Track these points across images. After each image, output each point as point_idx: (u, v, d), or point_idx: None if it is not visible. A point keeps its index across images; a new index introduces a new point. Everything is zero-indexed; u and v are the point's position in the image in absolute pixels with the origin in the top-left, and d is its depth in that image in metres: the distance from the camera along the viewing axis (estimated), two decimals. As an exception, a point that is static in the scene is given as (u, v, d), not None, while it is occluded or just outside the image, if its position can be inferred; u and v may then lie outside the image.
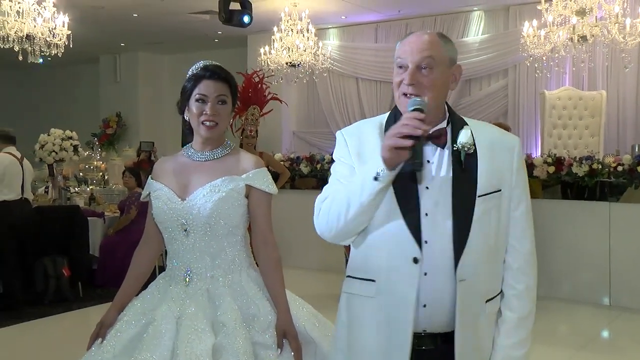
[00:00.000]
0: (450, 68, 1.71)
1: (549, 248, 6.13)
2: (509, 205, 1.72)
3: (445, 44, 1.71)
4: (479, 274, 1.67)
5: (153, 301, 2.02)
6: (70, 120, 11.17)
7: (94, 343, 2.03)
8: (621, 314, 5.68)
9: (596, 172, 6.02)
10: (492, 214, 1.69)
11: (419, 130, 1.54)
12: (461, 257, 1.63)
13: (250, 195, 2.05)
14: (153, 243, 2.19)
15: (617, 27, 6.37)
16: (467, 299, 1.65)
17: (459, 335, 1.66)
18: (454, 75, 1.74)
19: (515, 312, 1.75)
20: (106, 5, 8.46)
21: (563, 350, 4.78)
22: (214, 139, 2.07)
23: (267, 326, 1.93)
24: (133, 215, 6.61)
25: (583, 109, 7.69)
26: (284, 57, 8.45)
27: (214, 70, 2.04)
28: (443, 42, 1.71)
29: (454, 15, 9.20)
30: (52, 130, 6.96)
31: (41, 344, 5.00)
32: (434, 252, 1.63)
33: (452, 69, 1.72)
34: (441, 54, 1.68)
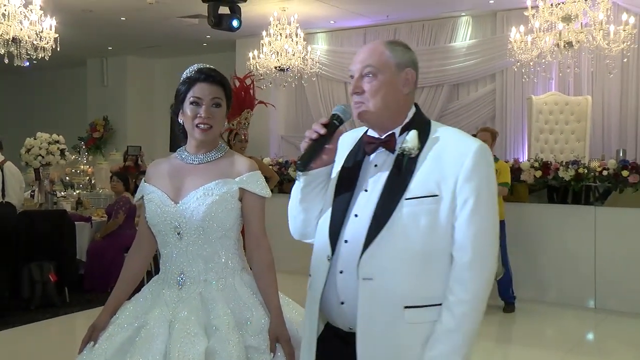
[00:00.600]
0: (398, 73, 1.72)
1: (536, 252, 6.18)
2: (450, 213, 1.65)
3: (392, 51, 1.73)
4: (391, 277, 1.63)
5: (146, 305, 2.02)
6: (56, 124, 11.12)
7: (85, 346, 2.02)
8: (607, 317, 5.73)
9: (582, 176, 6.08)
10: (422, 219, 1.63)
11: (314, 134, 1.70)
12: (362, 255, 1.64)
13: (243, 199, 2.04)
14: (145, 246, 2.18)
15: (602, 34, 6.48)
16: (373, 300, 1.64)
17: (360, 336, 1.65)
18: (405, 79, 1.73)
19: (441, 324, 1.64)
20: (95, 9, 8.43)
21: (550, 353, 4.82)
22: (208, 142, 2.06)
23: (260, 330, 1.93)
24: (121, 220, 6.57)
25: (569, 114, 7.77)
26: (273, 62, 8.47)
27: (209, 73, 2.04)
28: (389, 49, 1.73)
29: (442, 20, 9.28)
30: (38, 134, 6.90)
31: (28, 351, 4.95)
32: (350, 251, 1.67)
33: (401, 74, 1.73)
34: (384, 60, 1.71)
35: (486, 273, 1.67)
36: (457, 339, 1.63)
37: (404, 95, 1.73)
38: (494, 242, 1.69)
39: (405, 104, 1.75)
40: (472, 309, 1.65)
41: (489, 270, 1.67)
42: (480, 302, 1.67)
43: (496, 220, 1.70)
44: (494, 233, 1.69)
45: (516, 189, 6.46)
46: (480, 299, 1.66)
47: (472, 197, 1.64)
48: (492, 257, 1.68)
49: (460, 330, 1.64)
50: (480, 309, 1.67)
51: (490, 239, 1.68)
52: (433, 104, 9.37)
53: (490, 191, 1.68)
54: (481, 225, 1.65)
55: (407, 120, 1.74)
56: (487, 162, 1.69)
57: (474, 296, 1.65)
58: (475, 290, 1.65)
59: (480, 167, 1.66)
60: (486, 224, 1.66)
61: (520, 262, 6.05)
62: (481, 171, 1.66)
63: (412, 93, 1.76)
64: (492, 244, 1.68)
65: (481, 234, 1.65)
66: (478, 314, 1.67)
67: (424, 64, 9.27)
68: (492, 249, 1.68)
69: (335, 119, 1.75)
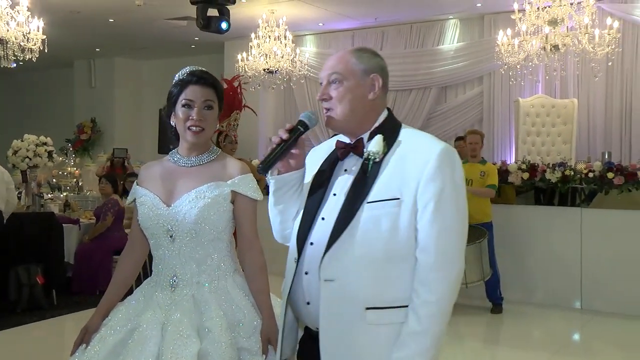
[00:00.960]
0: (364, 79, 1.75)
1: (522, 254, 6.23)
2: (412, 216, 1.66)
3: (358, 58, 1.76)
4: (352, 278, 1.66)
5: (138, 307, 2.02)
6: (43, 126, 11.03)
7: (77, 349, 2.01)
8: (593, 318, 5.79)
9: (569, 178, 6.14)
10: (383, 222, 1.66)
11: (277, 139, 1.77)
12: (324, 257, 1.68)
13: (235, 201, 2.05)
14: (138, 248, 2.18)
15: (587, 38, 6.55)
16: (335, 301, 1.67)
17: (323, 336, 1.68)
18: (371, 85, 1.76)
19: (407, 326, 1.65)
20: (82, 10, 8.39)
21: (537, 354, 4.86)
22: (200, 144, 2.07)
23: (252, 332, 1.94)
24: (109, 223, 6.55)
25: (556, 116, 7.85)
26: (262, 64, 8.47)
27: (201, 76, 2.05)
28: (355, 56, 1.77)
29: (430, 23, 9.33)
30: (25, 135, 6.86)
31: (14, 354, 4.91)
32: (314, 253, 1.71)
33: (367, 80, 1.75)
34: (349, 67, 1.75)
35: (451, 274, 1.67)
36: (424, 341, 1.64)
37: (370, 101, 1.76)
38: (459, 242, 1.68)
39: (373, 109, 1.77)
40: (438, 311, 1.65)
41: (454, 271, 1.67)
42: (447, 303, 1.66)
43: (462, 222, 1.69)
44: (459, 234, 1.69)
45: (504, 190, 6.52)
46: (446, 300, 1.66)
47: (433, 199, 1.64)
48: (457, 258, 1.67)
49: (426, 332, 1.64)
50: (447, 310, 1.67)
51: (455, 240, 1.67)
52: (421, 106, 9.43)
53: (455, 192, 1.67)
54: (444, 226, 1.65)
55: (376, 125, 1.77)
56: (451, 164, 1.68)
57: (439, 297, 1.64)
58: (441, 291, 1.65)
59: (443, 169, 1.66)
60: (450, 225, 1.66)
61: (507, 263, 6.10)
62: (444, 173, 1.66)
63: (380, 98, 1.78)
64: (456, 245, 1.68)
65: (444, 235, 1.65)
66: (444, 315, 1.67)
67: (412, 67, 9.33)
68: (457, 249, 1.67)
69: (300, 125, 1.80)
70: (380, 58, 1.81)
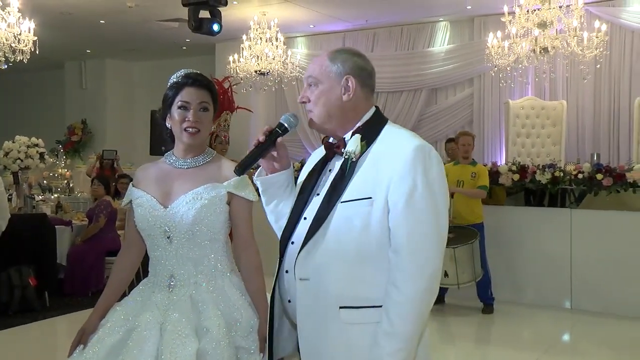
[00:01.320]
0: (338, 81, 1.76)
1: (513, 254, 6.28)
2: (383, 215, 1.65)
3: (333, 60, 1.77)
4: (325, 277, 1.67)
5: (135, 307, 2.03)
6: (34, 127, 10.98)
7: (75, 349, 2.03)
8: (582, 317, 5.86)
9: (558, 179, 6.21)
10: (356, 221, 1.66)
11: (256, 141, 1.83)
12: (298, 256, 1.71)
13: (231, 203, 2.08)
14: (135, 249, 2.20)
15: (576, 40, 6.64)
16: (309, 299, 1.70)
17: (300, 333, 1.72)
18: (345, 87, 1.76)
19: (380, 326, 1.63)
20: (74, 11, 8.38)
21: (527, 354, 4.91)
22: (195, 145, 2.10)
23: (249, 331, 1.97)
24: (102, 224, 6.54)
25: (545, 118, 7.93)
26: (253, 65, 8.49)
27: (196, 78, 2.08)
28: (330, 59, 1.78)
29: (420, 25, 9.40)
30: (17, 137, 6.84)
31: (7, 356, 4.90)
32: (293, 252, 1.75)
33: (341, 82, 1.76)
34: (324, 70, 1.77)
35: (423, 274, 1.63)
36: (394, 342, 1.61)
37: (346, 102, 1.76)
38: (432, 242, 1.64)
39: (352, 110, 1.77)
40: (409, 311, 1.62)
41: (426, 271, 1.63)
42: (418, 303, 1.63)
43: (436, 221, 1.65)
44: (433, 234, 1.65)
45: (494, 192, 6.58)
46: (417, 301, 1.63)
47: (404, 198, 1.62)
48: (430, 258, 1.63)
49: (397, 333, 1.61)
50: (419, 311, 1.63)
51: (427, 240, 1.64)
52: (412, 108, 9.49)
53: (428, 191, 1.64)
54: (415, 226, 1.62)
55: (358, 125, 1.77)
56: (424, 162, 1.65)
57: (410, 298, 1.62)
58: (411, 292, 1.61)
59: (415, 167, 1.64)
60: (422, 225, 1.63)
61: (498, 264, 6.16)
62: (416, 171, 1.64)
63: (360, 99, 1.77)
64: (429, 245, 1.64)
65: (415, 235, 1.62)
66: (416, 315, 1.63)
67: (403, 69, 9.39)
68: (429, 249, 1.64)
69: (279, 127, 1.83)
70: (360, 57, 1.79)
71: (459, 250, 5.56)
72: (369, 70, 1.80)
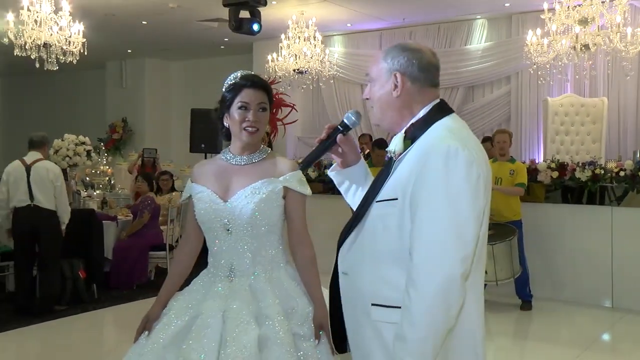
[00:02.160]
0: (388, 79, 1.76)
1: (552, 252, 6.27)
2: (407, 216, 1.64)
3: (385, 58, 1.78)
4: (360, 273, 1.72)
5: (198, 296, 2.15)
6: (77, 125, 11.33)
7: (140, 336, 2.15)
8: (623, 316, 5.81)
9: (599, 177, 6.16)
10: (389, 220, 1.66)
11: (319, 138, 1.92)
12: (339, 251, 1.79)
13: (287, 197, 2.18)
14: (193, 242, 2.32)
15: (619, 36, 6.53)
16: (349, 293, 1.78)
17: (347, 326, 1.81)
18: (394, 84, 1.76)
19: (398, 327, 1.61)
20: (117, 12, 8.62)
21: (566, 351, 4.91)
22: (253, 144, 2.21)
23: (305, 319, 2.07)
24: (146, 220, 6.75)
25: (585, 115, 7.85)
26: (292, 64, 8.61)
27: (254, 80, 2.19)
28: (383, 56, 1.79)
29: (458, 23, 9.38)
30: (65, 135, 7.10)
31: (62, 344, 5.12)
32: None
33: (390, 79, 1.76)
34: (378, 69, 1.80)
35: (433, 280, 1.56)
36: (402, 346, 1.58)
37: (397, 99, 1.76)
38: (444, 248, 1.57)
39: (405, 106, 1.76)
40: (416, 318, 1.56)
41: (436, 277, 1.56)
42: (427, 310, 1.56)
43: (456, 226, 1.58)
44: (448, 239, 1.57)
45: (533, 189, 6.56)
46: (426, 307, 1.56)
47: (422, 200, 1.60)
48: (441, 264, 1.56)
49: (406, 339, 1.57)
50: (430, 318, 1.56)
51: (440, 244, 1.57)
52: (448, 105, 9.48)
53: (447, 194, 1.59)
54: (429, 230, 1.58)
55: (412, 121, 1.75)
56: (448, 165, 1.59)
57: (416, 304, 1.56)
58: (418, 298, 1.56)
59: (437, 170, 1.60)
60: (435, 230, 1.58)
61: (537, 261, 6.15)
62: (437, 174, 1.59)
63: (412, 94, 1.75)
64: (439, 250, 1.57)
65: (427, 239, 1.58)
66: (426, 323, 1.56)
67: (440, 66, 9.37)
68: (440, 255, 1.57)
69: (340, 125, 1.92)
70: (411, 52, 1.76)
71: (498, 247, 5.57)
72: (423, 64, 1.75)
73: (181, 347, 2.00)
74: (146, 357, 2.05)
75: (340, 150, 1.94)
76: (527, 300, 5.95)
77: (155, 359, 2.04)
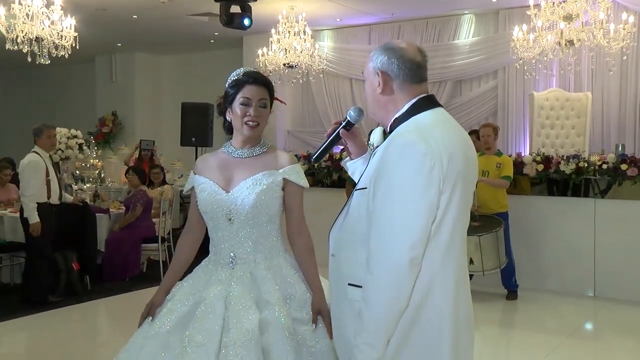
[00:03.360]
0: (374, 77, 1.88)
1: (537, 243, 6.43)
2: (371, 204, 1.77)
3: (371, 58, 1.89)
4: (342, 254, 1.89)
5: (200, 283, 2.26)
6: (66, 119, 11.32)
7: (144, 321, 2.25)
8: (605, 305, 5.98)
9: (582, 170, 6.32)
10: (362, 208, 1.82)
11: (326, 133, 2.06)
12: (329, 234, 1.95)
13: (285, 188, 2.30)
14: (195, 231, 2.42)
15: (602, 32, 6.68)
16: (335, 274, 1.93)
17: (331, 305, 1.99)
18: (377, 81, 1.86)
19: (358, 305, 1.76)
20: (108, 7, 8.64)
21: (551, 338, 5.07)
22: (254, 138, 2.32)
23: (303, 304, 2.19)
24: (138, 213, 6.83)
25: (570, 109, 8.00)
26: (282, 59, 8.68)
27: (256, 77, 2.30)
28: (371, 56, 1.90)
29: (446, 18, 9.49)
30: (57, 128, 7.11)
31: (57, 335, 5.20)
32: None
33: (376, 77, 1.87)
34: (367, 68, 1.92)
35: (381, 262, 1.69)
36: (360, 323, 1.72)
37: (381, 96, 1.87)
38: (393, 234, 1.68)
39: (389, 103, 1.86)
40: (368, 298, 1.70)
41: (385, 260, 1.68)
42: (379, 290, 1.69)
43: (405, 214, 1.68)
44: (397, 225, 1.68)
45: (519, 182, 6.71)
46: (377, 290, 1.69)
47: (379, 189, 1.73)
48: (390, 249, 1.68)
49: (361, 315, 1.72)
50: (379, 298, 1.69)
51: (388, 231, 1.69)
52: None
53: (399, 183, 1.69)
54: (382, 215, 1.71)
55: (396, 116, 1.86)
56: (400, 155, 1.70)
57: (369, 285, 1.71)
58: (371, 279, 1.70)
59: (394, 161, 1.71)
60: (388, 215, 1.69)
61: (522, 252, 6.31)
62: (394, 165, 1.71)
63: (394, 91, 1.84)
64: (389, 236, 1.68)
65: (380, 224, 1.70)
66: (375, 303, 1.69)
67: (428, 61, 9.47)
68: (389, 240, 1.68)
69: (344, 120, 2.06)
70: (392, 51, 1.85)
71: (484, 238, 5.72)
72: (404, 61, 1.83)
73: (185, 332, 2.11)
74: (151, 341, 2.16)
75: (352, 141, 2.09)
76: (512, 290, 6.10)
77: (160, 342, 2.14)
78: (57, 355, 4.66)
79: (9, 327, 5.25)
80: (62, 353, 4.68)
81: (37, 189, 5.54)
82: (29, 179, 5.56)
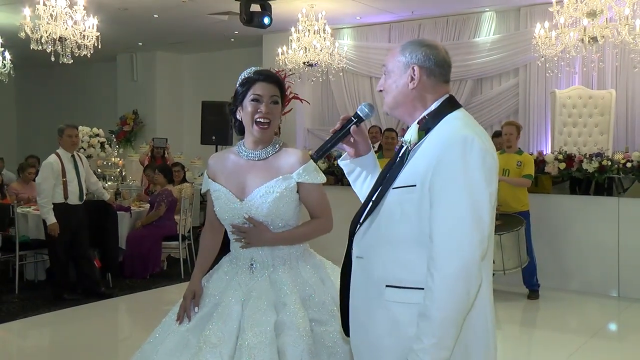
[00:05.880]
0: (405, 72, 1.84)
1: (560, 242, 6.35)
2: (425, 202, 1.72)
3: (402, 51, 1.86)
4: (375, 256, 1.79)
5: (221, 285, 2.30)
6: (88, 118, 11.48)
7: (190, 312, 2.26)
8: (630, 306, 5.89)
9: (606, 168, 6.23)
10: (407, 206, 1.74)
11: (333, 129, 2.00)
12: (355, 236, 1.87)
13: (300, 190, 2.29)
14: (216, 228, 2.45)
15: (627, 29, 6.55)
16: (361, 276, 1.83)
17: (351, 309, 1.87)
18: (410, 76, 1.83)
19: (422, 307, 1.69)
20: (130, 6, 8.72)
21: (574, 338, 5.01)
22: (265, 139, 2.29)
23: (321, 305, 2.21)
24: (162, 212, 6.90)
25: (593, 107, 7.89)
26: (301, 57, 8.69)
27: (267, 74, 2.29)
28: (401, 50, 1.87)
29: (466, 16, 9.43)
30: (80, 127, 7.22)
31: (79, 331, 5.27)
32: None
33: (407, 72, 1.83)
34: (394, 61, 1.87)
35: (451, 263, 1.65)
36: (425, 325, 1.66)
37: (412, 91, 1.83)
38: (463, 229, 1.67)
39: (418, 99, 1.84)
40: (439, 296, 1.65)
41: (454, 260, 1.65)
42: (450, 289, 1.65)
43: (473, 209, 1.67)
44: (467, 221, 1.67)
45: (540, 180, 6.63)
46: (449, 286, 1.65)
47: (441, 187, 1.69)
48: (461, 245, 1.66)
49: (428, 316, 1.66)
50: (450, 297, 1.65)
51: (458, 227, 1.67)
52: (457, 97, 9.48)
53: (465, 182, 1.68)
54: (447, 215, 1.67)
55: (425, 113, 1.83)
56: (464, 153, 1.69)
57: (439, 283, 1.65)
58: (440, 277, 1.65)
59: (454, 158, 1.69)
60: (454, 214, 1.67)
61: (544, 251, 6.24)
62: (455, 162, 1.69)
63: (425, 88, 1.83)
64: (459, 232, 1.66)
65: (447, 222, 1.67)
66: (447, 302, 1.65)
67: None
68: (460, 236, 1.66)
69: (354, 116, 2.00)
70: (429, 48, 1.85)
71: (505, 237, 5.67)
72: (439, 60, 1.84)
73: (203, 332, 2.15)
74: (172, 337, 2.21)
75: (353, 140, 2.04)
76: (534, 289, 6.04)
77: (179, 339, 2.19)
78: (80, 349, 4.73)
79: (34, 322, 5.34)
80: (85, 348, 4.75)
81: (48, 191, 5.62)
82: (40, 183, 5.70)
